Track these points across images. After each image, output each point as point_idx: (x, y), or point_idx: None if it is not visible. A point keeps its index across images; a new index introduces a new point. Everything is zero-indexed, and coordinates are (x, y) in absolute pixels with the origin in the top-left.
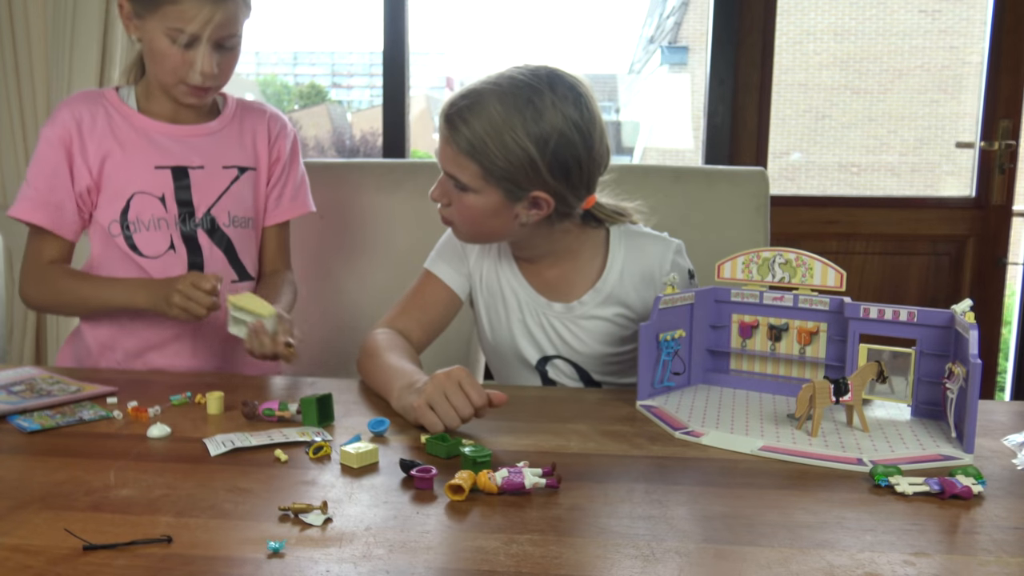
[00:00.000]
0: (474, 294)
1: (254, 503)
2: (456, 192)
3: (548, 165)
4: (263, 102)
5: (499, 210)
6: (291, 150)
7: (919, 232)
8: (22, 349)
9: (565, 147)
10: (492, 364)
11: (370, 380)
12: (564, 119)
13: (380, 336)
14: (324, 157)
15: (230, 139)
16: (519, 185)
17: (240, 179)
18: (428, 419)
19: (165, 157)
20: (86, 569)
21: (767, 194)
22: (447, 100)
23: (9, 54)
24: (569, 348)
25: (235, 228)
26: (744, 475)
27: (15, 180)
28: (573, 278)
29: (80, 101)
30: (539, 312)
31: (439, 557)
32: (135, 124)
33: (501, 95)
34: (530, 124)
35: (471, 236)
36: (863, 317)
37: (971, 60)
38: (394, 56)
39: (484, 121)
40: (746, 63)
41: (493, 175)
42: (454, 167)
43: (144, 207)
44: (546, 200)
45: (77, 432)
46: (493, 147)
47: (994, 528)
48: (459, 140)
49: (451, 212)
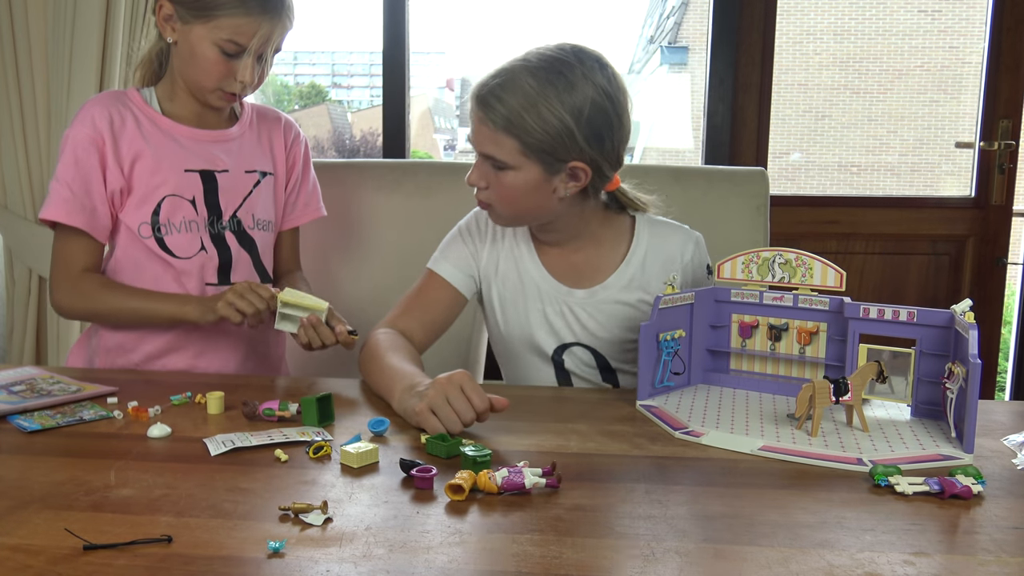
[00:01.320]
0: (486, 288)
1: (254, 503)
2: (494, 173)
3: (584, 134)
4: (272, 107)
5: (538, 185)
6: (305, 156)
7: (919, 232)
8: (22, 349)
9: (598, 115)
10: (503, 358)
11: (372, 381)
12: (595, 88)
13: (382, 337)
14: (324, 157)
15: (250, 144)
16: (557, 156)
17: (261, 183)
18: (430, 424)
19: (193, 160)
20: (86, 569)
21: (767, 194)
22: (478, 83)
23: (9, 54)
24: (589, 334)
25: (259, 231)
26: (744, 475)
27: (15, 180)
28: (597, 263)
29: (108, 101)
30: (559, 300)
31: (439, 557)
32: (162, 127)
33: (532, 70)
34: (564, 94)
35: (511, 217)
36: (863, 317)
37: (971, 60)
38: (394, 56)
39: (519, 96)
40: (746, 63)
41: (531, 149)
42: (492, 146)
43: (175, 209)
44: (583, 170)
45: (77, 432)
46: (530, 120)
47: (994, 528)
48: (495, 118)
49: (489, 194)
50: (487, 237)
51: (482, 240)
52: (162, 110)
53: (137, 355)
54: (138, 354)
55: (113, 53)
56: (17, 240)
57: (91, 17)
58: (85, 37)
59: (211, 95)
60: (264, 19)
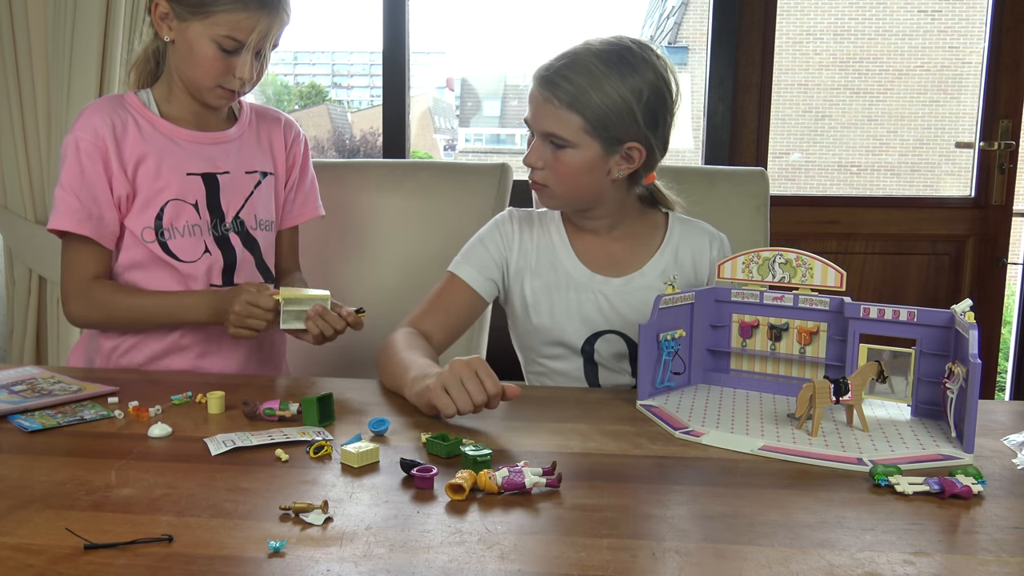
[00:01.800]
0: (517, 284)
1: (255, 502)
2: (552, 153)
3: (643, 114)
4: (272, 107)
5: (595, 164)
6: (304, 155)
7: (919, 232)
8: (22, 349)
9: (656, 98)
10: (527, 353)
11: (385, 375)
12: (654, 72)
13: (400, 335)
14: (324, 157)
15: (250, 145)
16: (616, 136)
17: (262, 184)
18: (442, 401)
19: (195, 163)
20: (87, 568)
21: (767, 194)
22: (542, 65)
23: (9, 54)
24: (623, 320)
25: (261, 231)
26: (744, 475)
27: (15, 180)
28: (632, 252)
29: (108, 107)
30: (594, 289)
31: (439, 557)
32: (162, 130)
33: (596, 52)
34: (627, 75)
35: (565, 196)
36: (863, 317)
37: (971, 60)
38: (394, 56)
39: (585, 74)
40: (746, 63)
41: (594, 126)
42: (555, 124)
43: (178, 213)
44: (639, 150)
45: (78, 432)
46: (596, 97)
47: (994, 528)
48: (561, 95)
49: (545, 175)
50: (515, 235)
51: (511, 239)
52: (160, 112)
53: (140, 356)
54: (141, 355)
55: (113, 54)
56: (17, 240)
57: (91, 17)
58: (85, 38)
59: (210, 93)
60: (263, 14)
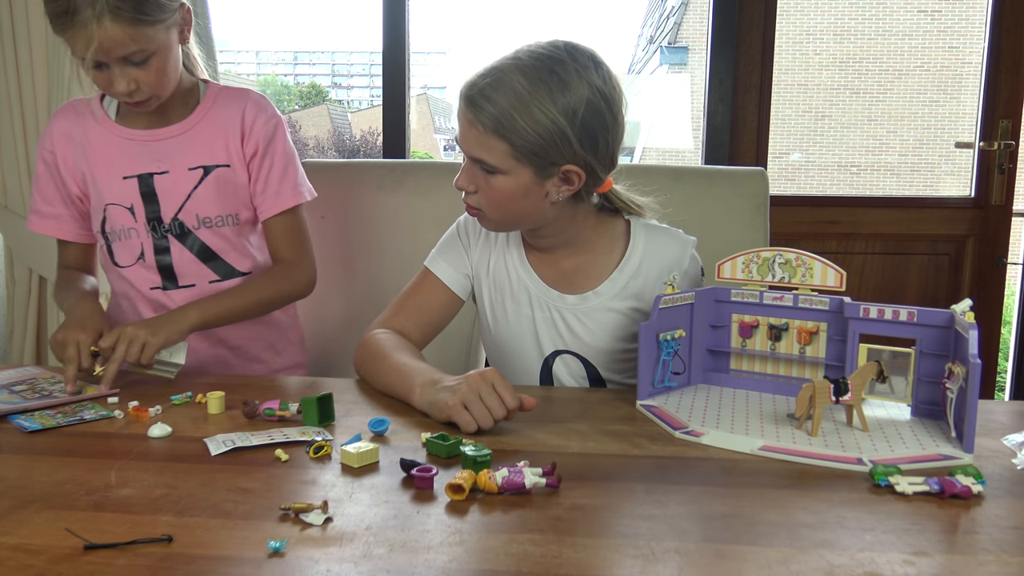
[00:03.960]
0: (478, 289)
1: (255, 502)
2: (483, 177)
3: (578, 135)
4: (244, 87)
5: (530, 189)
6: (273, 138)
7: (919, 232)
8: (22, 349)
9: (593, 115)
10: (493, 361)
11: (378, 380)
12: (589, 87)
13: (382, 336)
14: (324, 157)
15: (199, 138)
16: (550, 160)
17: (207, 179)
18: (463, 418)
19: (132, 166)
20: (87, 568)
21: (767, 194)
22: (466, 82)
23: (9, 54)
24: (579, 342)
25: (207, 229)
26: (744, 475)
27: (15, 180)
28: (589, 270)
29: (67, 114)
30: (550, 306)
31: (439, 557)
32: (112, 132)
33: (523, 68)
34: (557, 94)
35: (501, 222)
36: (863, 317)
37: (971, 60)
38: (394, 56)
39: (509, 96)
40: (746, 63)
41: (523, 152)
42: (480, 149)
43: (117, 218)
44: (577, 173)
45: (78, 432)
46: (521, 122)
47: (994, 528)
48: (484, 120)
49: (478, 199)
50: (479, 237)
51: (475, 239)
52: (119, 114)
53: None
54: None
55: None
56: (17, 240)
57: None
58: None
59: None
60: (80, 30)
